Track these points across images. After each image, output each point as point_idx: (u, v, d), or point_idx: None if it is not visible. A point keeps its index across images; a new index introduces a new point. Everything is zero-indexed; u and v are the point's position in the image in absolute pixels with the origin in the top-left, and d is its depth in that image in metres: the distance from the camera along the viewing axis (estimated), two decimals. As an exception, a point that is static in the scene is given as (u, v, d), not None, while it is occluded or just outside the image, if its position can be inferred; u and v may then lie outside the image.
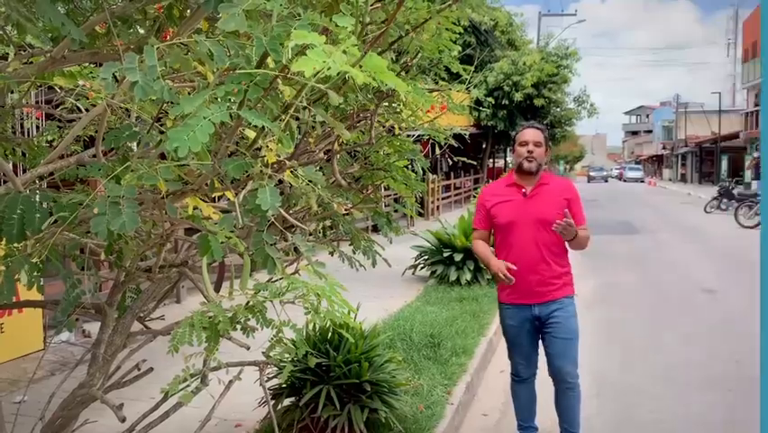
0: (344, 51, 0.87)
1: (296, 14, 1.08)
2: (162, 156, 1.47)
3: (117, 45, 1.93)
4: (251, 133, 1.25)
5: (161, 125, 1.56)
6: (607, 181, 63.64)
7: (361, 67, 0.89)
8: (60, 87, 3.05)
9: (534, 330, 3.89)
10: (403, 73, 2.21)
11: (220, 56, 0.96)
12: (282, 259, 1.15)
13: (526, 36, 30.66)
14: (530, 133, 3.80)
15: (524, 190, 3.78)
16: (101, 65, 2.87)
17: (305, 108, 1.08)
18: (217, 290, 1.91)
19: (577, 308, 3.93)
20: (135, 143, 1.29)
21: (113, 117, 2.15)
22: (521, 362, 4.02)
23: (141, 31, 2.07)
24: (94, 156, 2.05)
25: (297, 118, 1.34)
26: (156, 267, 1.75)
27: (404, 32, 1.81)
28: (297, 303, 1.61)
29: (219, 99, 1.06)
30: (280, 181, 1.44)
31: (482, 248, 3.92)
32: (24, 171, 3.41)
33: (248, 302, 1.55)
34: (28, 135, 4.20)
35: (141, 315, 2.29)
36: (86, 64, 2.73)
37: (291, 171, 1.23)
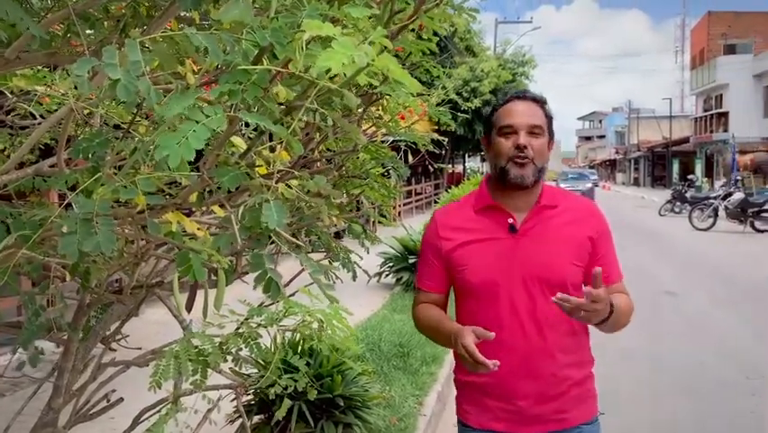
0: (372, 43, 0.76)
1: (296, 6, 0.97)
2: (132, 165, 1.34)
3: (78, 45, 1.79)
4: (238, 141, 1.14)
5: (131, 132, 1.42)
6: (592, 198, 25.61)
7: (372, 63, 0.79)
8: (11, 92, 2.86)
9: None
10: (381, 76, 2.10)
11: (215, 51, 0.84)
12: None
13: (484, 43, 31.02)
14: (521, 110, 1.98)
15: (511, 221, 1.97)
16: (56, 68, 2.70)
17: (315, 111, 0.97)
18: (189, 309, 1.77)
19: None
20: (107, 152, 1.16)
21: (71, 124, 2.00)
22: None
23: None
24: (52, 166, 1.89)
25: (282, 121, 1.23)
26: (128, 288, 1.60)
27: (390, 33, 1.72)
28: (296, 331, 1.50)
29: (204, 103, 0.94)
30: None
31: (428, 313, 2.09)
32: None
33: (238, 328, 1.42)
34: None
35: (105, 335, 2.14)
36: (39, 67, 2.56)
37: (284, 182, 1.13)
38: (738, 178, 21.78)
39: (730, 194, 19.12)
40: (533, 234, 1.98)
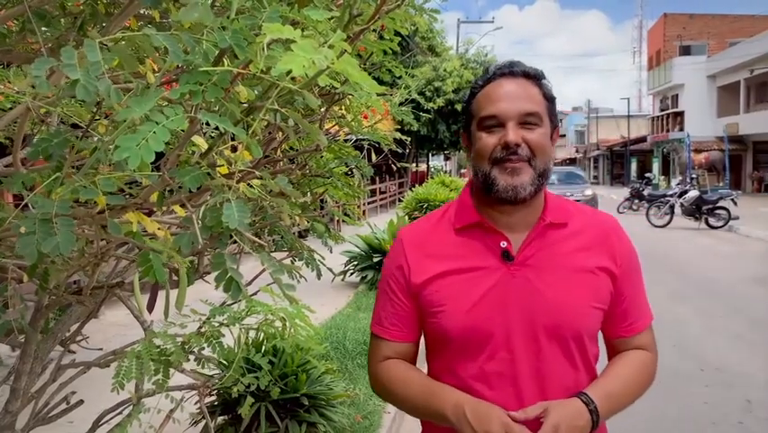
0: (331, 46, 0.77)
1: (257, 7, 0.97)
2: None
3: (34, 43, 1.75)
4: (200, 141, 1.13)
5: (91, 132, 1.40)
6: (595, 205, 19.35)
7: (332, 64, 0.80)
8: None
9: None
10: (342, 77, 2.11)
11: (176, 52, 0.84)
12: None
13: (447, 42, 31.26)
14: (509, 92, 1.41)
15: (504, 245, 1.45)
16: (10, 65, 2.64)
17: (276, 111, 0.97)
18: (150, 309, 1.76)
19: None
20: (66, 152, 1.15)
21: (27, 123, 1.96)
22: None
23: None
24: (8, 166, 1.86)
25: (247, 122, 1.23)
26: (88, 289, 1.58)
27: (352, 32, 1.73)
28: (260, 331, 1.50)
29: (165, 103, 0.94)
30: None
31: (405, 375, 1.51)
32: None
33: (200, 327, 1.41)
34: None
35: (64, 337, 2.10)
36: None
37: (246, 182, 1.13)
38: (693, 176, 22.36)
39: (686, 192, 19.62)
40: (535, 264, 1.43)
